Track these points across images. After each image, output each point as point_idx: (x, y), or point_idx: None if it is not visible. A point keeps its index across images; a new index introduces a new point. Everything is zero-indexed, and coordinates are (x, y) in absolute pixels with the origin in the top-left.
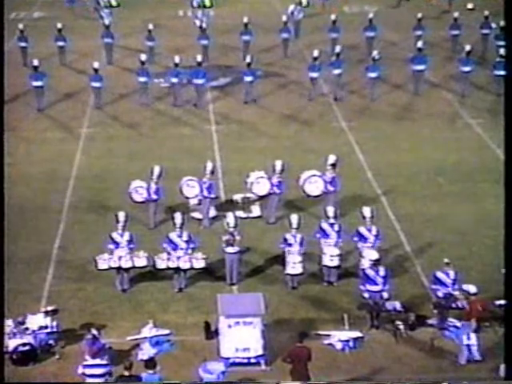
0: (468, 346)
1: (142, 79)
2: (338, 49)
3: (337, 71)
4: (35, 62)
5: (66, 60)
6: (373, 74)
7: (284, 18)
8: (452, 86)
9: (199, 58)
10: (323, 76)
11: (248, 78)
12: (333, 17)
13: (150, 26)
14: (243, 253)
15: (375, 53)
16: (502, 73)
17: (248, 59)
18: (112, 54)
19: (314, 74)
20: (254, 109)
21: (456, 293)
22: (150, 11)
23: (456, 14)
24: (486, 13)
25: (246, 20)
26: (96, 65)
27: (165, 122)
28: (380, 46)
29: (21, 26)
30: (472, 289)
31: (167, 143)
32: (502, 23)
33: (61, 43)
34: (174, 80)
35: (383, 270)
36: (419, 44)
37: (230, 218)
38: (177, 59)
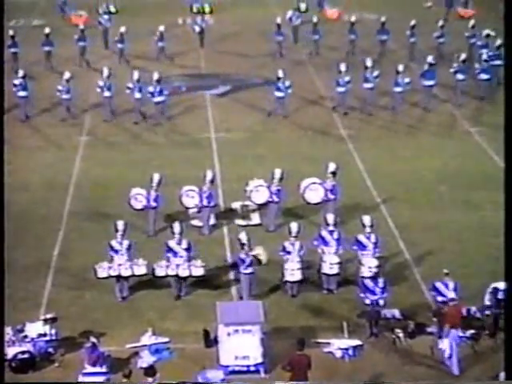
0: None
1: (107, 94)
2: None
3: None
4: (20, 73)
5: (52, 65)
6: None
7: (278, 22)
8: (449, 95)
9: (156, 75)
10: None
11: (279, 94)
12: (353, 18)
13: (122, 29)
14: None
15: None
16: (486, 77)
17: (280, 73)
18: (85, 57)
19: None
20: (253, 116)
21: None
22: (149, 18)
23: (441, 22)
24: (472, 22)
25: (279, 21)
26: (66, 75)
27: (164, 130)
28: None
29: (11, 32)
30: (450, 294)
31: (167, 151)
32: (486, 32)
33: (47, 48)
34: (138, 95)
35: (382, 281)
36: (429, 59)
37: (242, 236)
38: (136, 75)
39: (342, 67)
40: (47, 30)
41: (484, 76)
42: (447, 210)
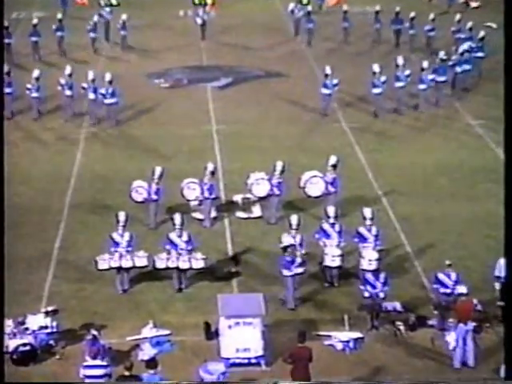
0: (464, 349)
1: (68, 93)
2: None
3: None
4: (35, 73)
5: (40, 56)
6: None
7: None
8: (448, 88)
9: (108, 76)
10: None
11: (326, 91)
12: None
13: (95, 18)
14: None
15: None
16: (467, 67)
17: (328, 70)
18: (63, 47)
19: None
20: (254, 109)
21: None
22: (150, 10)
23: (432, 16)
24: (458, 16)
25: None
26: (36, 73)
27: (165, 122)
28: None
29: (6, 23)
30: (462, 289)
31: (168, 143)
32: (470, 24)
33: (34, 38)
34: (92, 96)
35: (383, 276)
36: (441, 55)
37: (288, 238)
38: (90, 75)
39: (376, 68)
40: (35, 21)
41: (466, 67)
42: (448, 202)
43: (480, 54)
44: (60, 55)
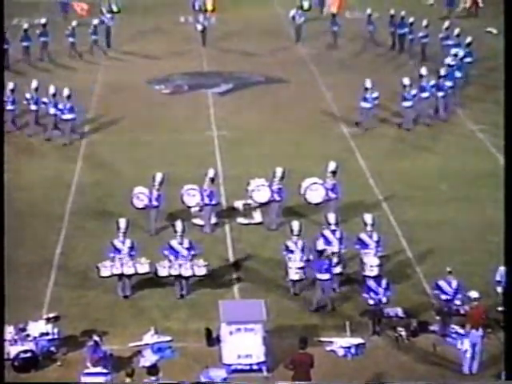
0: (472, 354)
1: (33, 107)
2: None
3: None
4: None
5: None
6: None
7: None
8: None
9: (66, 91)
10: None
11: (366, 105)
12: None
13: (25, 26)
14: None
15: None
16: (459, 75)
17: (368, 84)
18: (47, 52)
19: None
20: (255, 115)
21: (457, 302)
22: (151, 17)
23: (425, 22)
24: (447, 23)
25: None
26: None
27: (166, 129)
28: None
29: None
30: (474, 294)
31: (168, 150)
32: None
33: (26, 43)
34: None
35: (385, 282)
36: (448, 60)
37: (318, 242)
38: (52, 89)
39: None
40: (25, 26)
41: (457, 74)
42: (449, 207)
43: (468, 60)
44: (45, 61)
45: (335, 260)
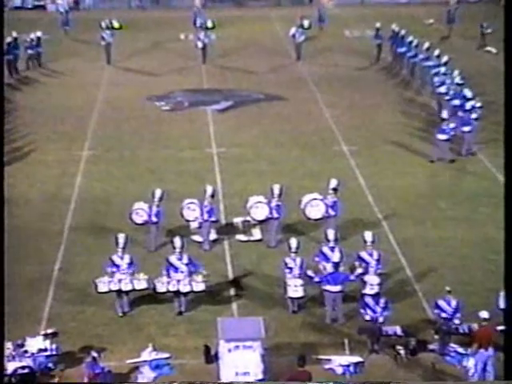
0: (483, 375)
1: None
2: None
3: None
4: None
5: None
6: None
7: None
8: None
9: None
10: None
11: (442, 137)
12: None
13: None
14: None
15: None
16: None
17: (445, 115)
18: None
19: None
20: (255, 133)
21: (456, 321)
22: (151, 33)
23: (426, 45)
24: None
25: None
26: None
27: (166, 145)
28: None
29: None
30: (483, 314)
31: (168, 166)
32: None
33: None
34: None
35: (383, 301)
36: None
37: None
38: None
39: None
40: (9, 39)
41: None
42: (448, 226)
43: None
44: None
45: (360, 270)
